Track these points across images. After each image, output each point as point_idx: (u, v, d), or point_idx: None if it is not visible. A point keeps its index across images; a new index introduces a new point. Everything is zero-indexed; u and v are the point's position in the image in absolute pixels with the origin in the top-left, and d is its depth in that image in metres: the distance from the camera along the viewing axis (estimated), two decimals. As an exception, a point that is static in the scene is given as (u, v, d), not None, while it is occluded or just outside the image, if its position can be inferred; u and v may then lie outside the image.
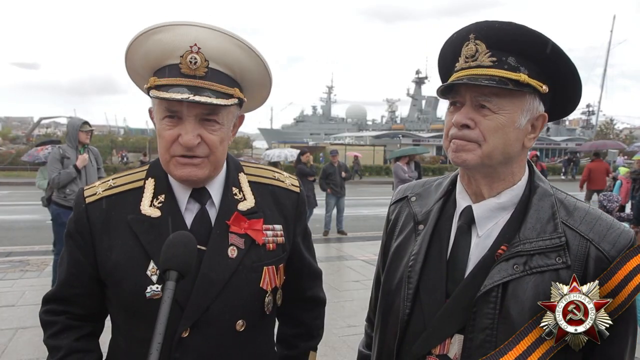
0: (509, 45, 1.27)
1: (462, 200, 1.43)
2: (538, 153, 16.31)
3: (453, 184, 1.49)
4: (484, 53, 1.28)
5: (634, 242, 1.24)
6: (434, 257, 1.40)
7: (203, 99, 1.35)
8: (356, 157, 34.09)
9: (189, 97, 1.34)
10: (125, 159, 33.45)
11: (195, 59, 1.37)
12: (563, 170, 34.97)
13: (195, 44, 1.37)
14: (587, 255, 1.23)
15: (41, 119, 45.87)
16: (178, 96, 1.34)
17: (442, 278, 1.36)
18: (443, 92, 1.36)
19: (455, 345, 1.30)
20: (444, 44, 1.42)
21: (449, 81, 1.33)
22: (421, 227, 1.47)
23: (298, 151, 15.09)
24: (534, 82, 1.27)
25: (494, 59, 1.27)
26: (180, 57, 1.38)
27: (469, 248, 1.36)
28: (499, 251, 1.29)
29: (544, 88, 1.28)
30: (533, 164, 1.43)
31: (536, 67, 1.28)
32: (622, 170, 13.53)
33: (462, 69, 1.32)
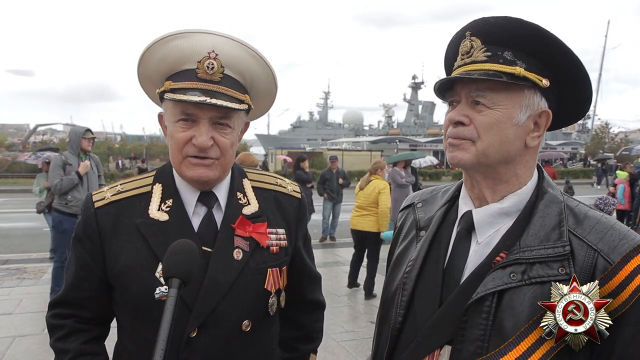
0: (505, 39, 1.22)
1: (465, 205, 1.36)
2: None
3: (459, 190, 1.43)
4: (479, 49, 1.24)
5: None
6: (431, 264, 1.34)
7: (219, 102, 1.42)
8: (285, 161, 32.79)
9: (206, 100, 1.40)
10: (122, 165, 33.30)
11: (213, 64, 1.43)
12: (596, 180, 31.52)
13: (213, 51, 1.43)
14: (594, 267, 1.13)
15: (37, 125, 45.87)
16: (195, 98, 1.40)
17: (437, 286, 1.29)
18: (441, 92, 1.32)
19: (444, 357, 1.22)
20: (447, 46, 1.38)
21: (441, 79, 1.29)
22: (422, 233, 1.43)
23: (434, 158, 15.06)
24: (532, 76, 1.21)
25: (489, 53, 1.23)
26: (198, 62, 1.43)
27: (467, 255, 1.29)
28: (497, 258, 1.22)
29: (544, 82, 1.22)
30: (543, 168, 1.35)
31: (535, 61, 1.22)
32: (621, 174, 13.01)
33: (459, 66, 1.28)
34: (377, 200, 7.44)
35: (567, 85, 1.26)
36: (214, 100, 1.41)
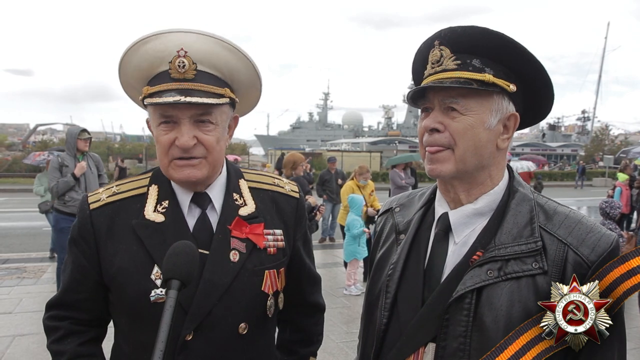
0: (473, 48, 1.27)
1: (440, 207, 1.40)
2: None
3: (435, 193, 1.48)
4: (449, 57, 1.28)
5: (616, 246, 1.19)
6: (412, 265, 1.38)
7: (194, 99, 1.40)
8: (236, 160, 32.26)
9: (180, 99, 1.38)
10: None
11: (183, 62, 1.42)
12: (577, 178, 34.69)
13: (182, 49, 1.42)
14: (564, 260, 1.19)
15: (37, 125, 45.85)
16: (170, 99, 1.39)
17: (418, 287, 1.34)
18: (414, 100, 1.36)
19: (429, 354, 1.27)
20: (415, 55, 1.42)
21: (415, 87, 1.33)
22: (402, 236, 1.46)
23: (531, 163, 14.79)
24: (500, 82, 1.25)
25: (459, 62, 1.27)
26: (169, 63, 1.42)
27: (446, 255, 1.33)
28: (474, 257, 1.26)
29: (512, 87, 1.27)
30: (512, 168, 1.41)
31: (502, 68, 1.27)
32: (621, 177, 12.86)
33: (429, 75, 1.32)
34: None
35: (531, 89, 1.32)
36: (188, 99, 1.39)
